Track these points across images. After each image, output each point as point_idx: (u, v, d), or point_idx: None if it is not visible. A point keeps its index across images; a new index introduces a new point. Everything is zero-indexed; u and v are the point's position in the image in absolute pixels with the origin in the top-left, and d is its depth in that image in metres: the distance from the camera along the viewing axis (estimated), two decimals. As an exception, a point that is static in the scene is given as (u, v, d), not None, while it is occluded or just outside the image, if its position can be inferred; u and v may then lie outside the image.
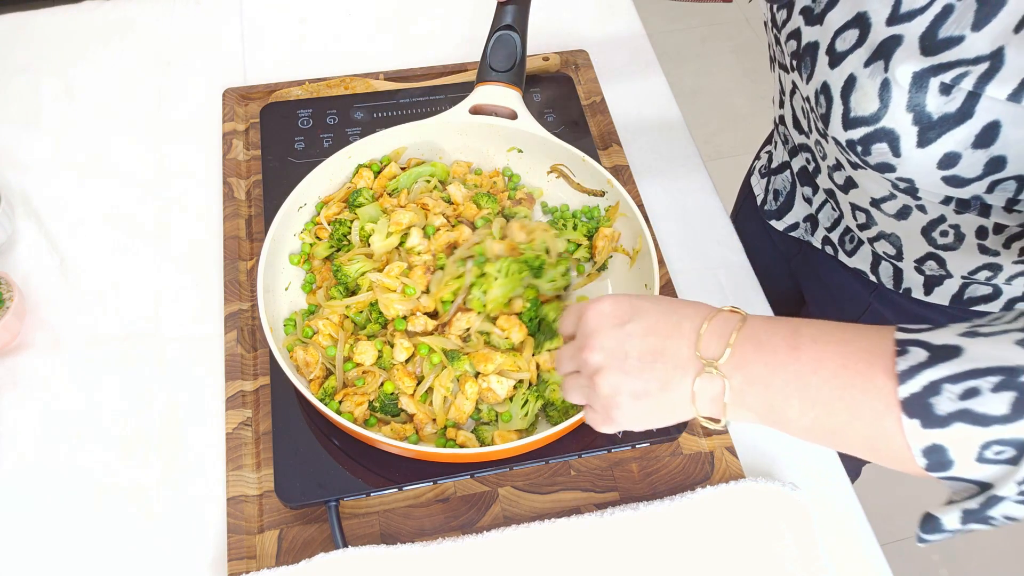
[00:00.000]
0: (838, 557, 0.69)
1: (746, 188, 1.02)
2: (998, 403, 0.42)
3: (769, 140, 0.95)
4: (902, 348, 0.45)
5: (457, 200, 0.84)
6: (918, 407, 0.43)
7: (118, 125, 0.97)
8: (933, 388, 0.43)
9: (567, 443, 0.72)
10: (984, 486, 0.44)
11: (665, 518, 0.68)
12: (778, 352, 0.48)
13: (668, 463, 0.74)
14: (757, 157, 0.96)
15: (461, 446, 0.69)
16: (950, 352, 0.44)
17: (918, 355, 0.44)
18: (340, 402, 0.71)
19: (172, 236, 0.88)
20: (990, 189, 0.58)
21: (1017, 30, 0.51)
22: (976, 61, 0.53)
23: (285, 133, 0.93)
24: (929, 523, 0.47)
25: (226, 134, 0.94)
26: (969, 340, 0.44)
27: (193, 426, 0.75)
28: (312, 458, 0.71)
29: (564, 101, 0.99)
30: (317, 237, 0.81)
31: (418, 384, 0.71)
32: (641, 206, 0.89)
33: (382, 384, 0.71)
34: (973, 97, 0.54)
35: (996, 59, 0.52)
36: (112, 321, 0.81)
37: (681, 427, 0.74)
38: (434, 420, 0.71)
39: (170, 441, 0.74)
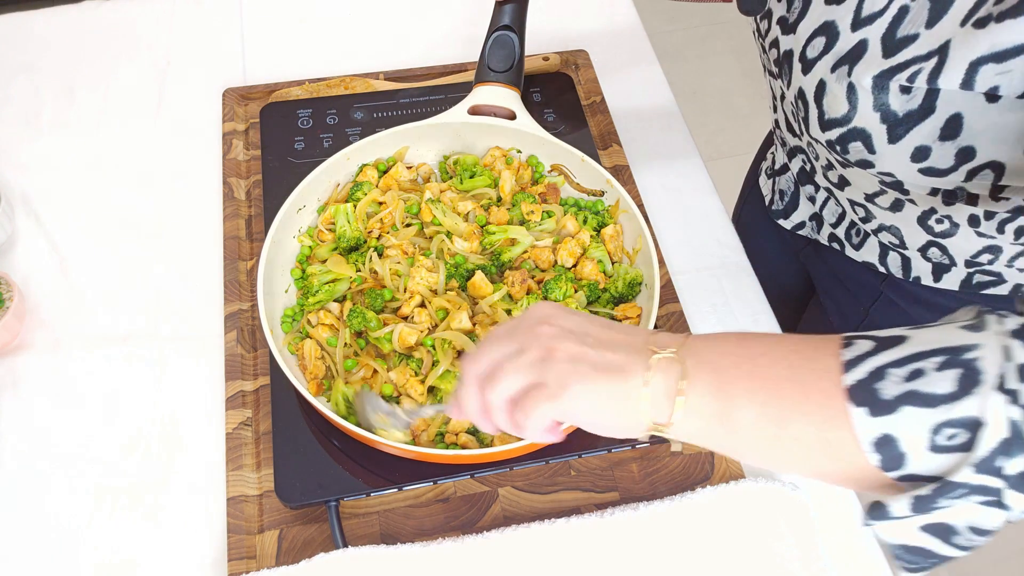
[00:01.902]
0: (838, 557, 0.69)
1: (748, 186, 1.02)
2: (943, 381, 0.41)
3: (771, 142, 0.96)
4: (848, 340, 0.45)
5: (506, 191, 0.83)
6: (864, 394, 0.42)
7: (118, 125, 0.97)
8: (878, 374, 0.43)
9: (567, 443, 0.71)
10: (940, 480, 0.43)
11: (665, 518, 0.68)
12: (728, 341, 0.49)
13: (668, 463, 0.74)
14: (763, 158, 0.97)
15: (462, 447, 0.69)
16: (895, 341, 0.44)
17: (863, 345, 0.45)
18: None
19: (172, 236, 0.88)
20: (968, 178, 0.60)
21: (963, 24, 0.53)
22: (928, 57, 0.55)
23: (285, 133, 0.93)
24: (876, 509, 0.45)
25: (226, 134, 0.94)
26: (915, 330, 0.44)
27: (193, 426, 0.75)
28: (312, 458, 0.71)
29: (564, 101, 0.99)
30: (320, 240, 0.81)
31: (423, 382, 0.71)
32: (641, 206, 0.88)
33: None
34: (932, 93, 0.56)
35: (943, 52, 0.55)
36: (112, 321, 0.81)
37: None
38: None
39: (170, 441, 0.74)
